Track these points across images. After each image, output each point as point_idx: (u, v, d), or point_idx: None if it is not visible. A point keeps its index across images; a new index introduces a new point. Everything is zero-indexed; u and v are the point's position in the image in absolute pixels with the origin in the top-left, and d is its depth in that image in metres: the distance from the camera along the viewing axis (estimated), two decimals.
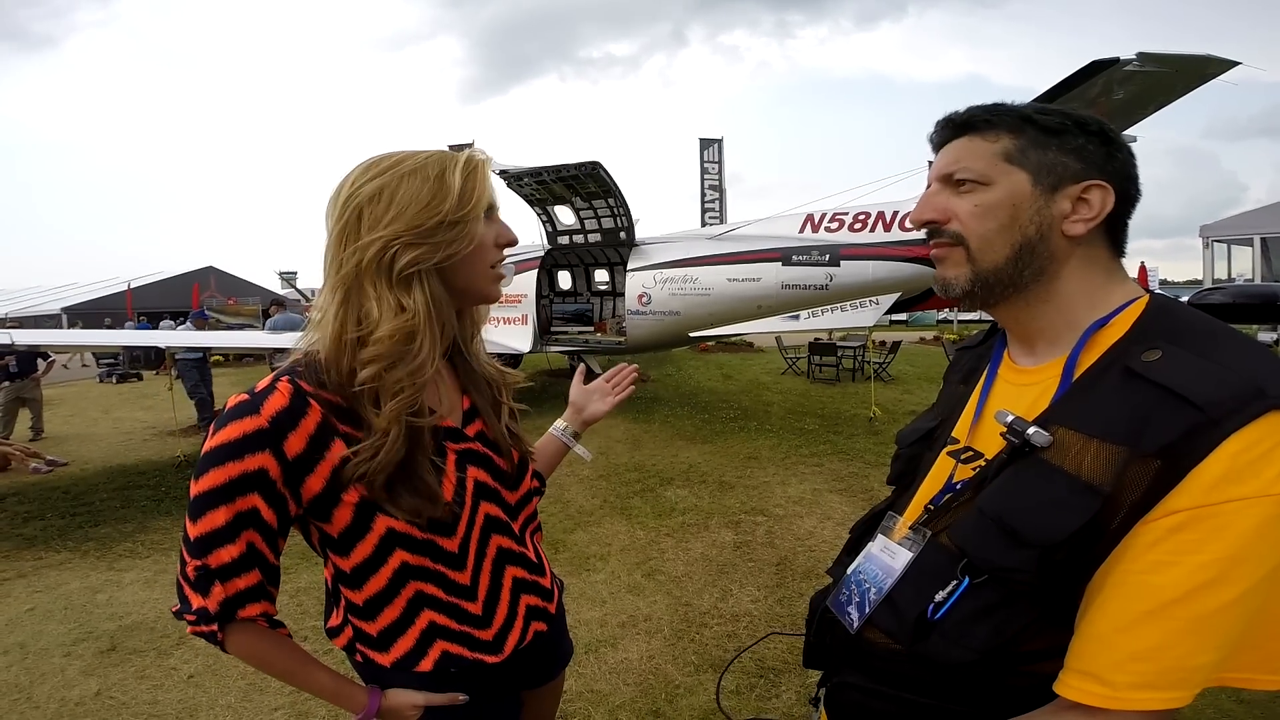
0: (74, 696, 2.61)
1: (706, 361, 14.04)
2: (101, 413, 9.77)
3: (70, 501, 5.21)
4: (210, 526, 0.82)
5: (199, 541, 0.83)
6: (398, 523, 0.90)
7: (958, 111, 0.81)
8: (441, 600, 0.96)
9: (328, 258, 0.91)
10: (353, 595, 0.95)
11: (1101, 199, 0.73)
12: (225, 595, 0.84)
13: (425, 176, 0.89)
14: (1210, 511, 0.57)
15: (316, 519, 0.90)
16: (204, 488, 0.82)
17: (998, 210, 0.76)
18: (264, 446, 0.82)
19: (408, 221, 0.87)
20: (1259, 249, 13.64)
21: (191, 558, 0.84)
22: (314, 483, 0.86)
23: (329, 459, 0.85)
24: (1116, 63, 4.73)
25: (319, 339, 0.90)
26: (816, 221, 7.67)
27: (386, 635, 0.96)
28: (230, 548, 0.82)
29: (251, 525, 0.83)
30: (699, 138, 16.50)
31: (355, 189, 0.89)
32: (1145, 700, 0.59)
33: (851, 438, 6.77)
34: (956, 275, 0.79)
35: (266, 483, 0.83)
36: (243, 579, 0.84)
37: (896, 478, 0.97)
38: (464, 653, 0.98)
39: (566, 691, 2.53)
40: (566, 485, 5.27)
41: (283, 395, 0.84)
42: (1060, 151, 0.75)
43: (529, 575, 1.08)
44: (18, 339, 6.02)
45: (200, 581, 0.84)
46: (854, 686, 0.80)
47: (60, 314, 23.42)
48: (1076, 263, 0.76)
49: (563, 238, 9.66)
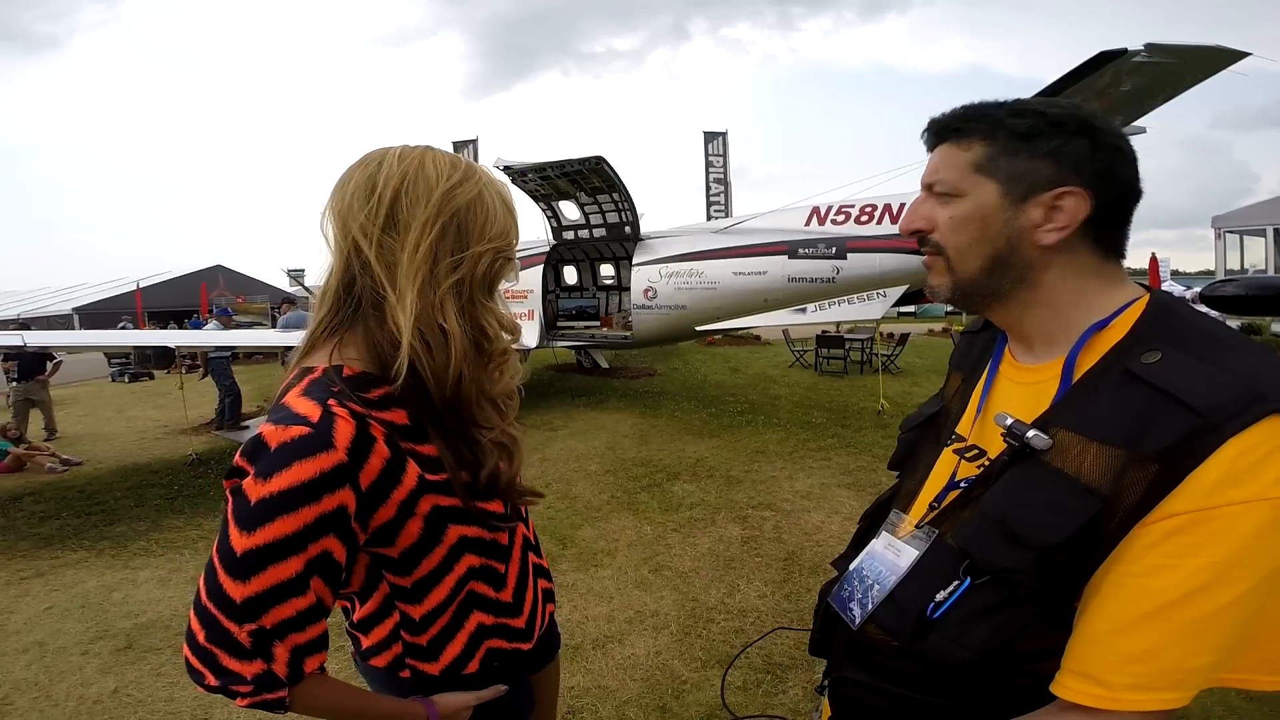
0: (92, 694, 2.66)
1: (713, 355, 14.03)
2: (115, 412, 9.87)
3: (85, 501, 5.28)
4: (271, 582, 0.72)
5: (251, 603, 0.72)
6: (469, 528, 0.89)
7: (938, 117, 0.79)
8: (489, 598, 0.95)
9: (405, 255, 0.82)
10: (412, 610, 0.89)
11: (1074, 206, 0.71)
12: (291, 653, 0.75)
13: (492, 191, 0.90)
14: (1208, 515, 0.57)
15: (376, 547, 0.83)
16: (265, 539, 0.71)
17: (968, 223, 0.76)
18: (344, 483, 0.73)
19: (506, 235, 0.89)
20: (1272, 240, 13.47)
21: (240, 622, 0.72)
22: (385, 512, 0.79)
23: (405, 483, 0.80)
24: (1124, 54, 4.67)
25: (410, 348, 0.81)
26: (823, 214, 7.64)
27: (436, 644, 0.92)
28: (297, 600, 0.74)
29: (321, 572, 0.75)
30: (703, 131, 16.41)
31: (450, 190, 0.84)
32: (1142, 701, 0.59)
33: (860, 431, 6.76)
34: (939, 284, 0.81)
35: (344, 520, 0.74)
36: (306, 632, 0.76)
37: (898, 462, 0.99)
38: (504, 645, 0.98)
39: (574, 687, 2.56)
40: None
41: (349, 421, 0.75)
42: (1031, 157, 0.72)
43: (536, 558, 1.09)
44: (29, 340, 6.10)
45: (258, 646, 0.73)
46: (854, 682, 0.80)
47: (71, 314, 23.62)
48: (1059, 270, 0.74)
49: (568, 233, 9.66)
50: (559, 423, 7.45)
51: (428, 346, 0.82)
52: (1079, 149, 0.71)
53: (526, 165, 8.36)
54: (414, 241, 0.82)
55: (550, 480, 5.33)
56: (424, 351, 0.82)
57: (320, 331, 0.87)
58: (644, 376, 11.02)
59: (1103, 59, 4.75)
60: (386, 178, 0.83)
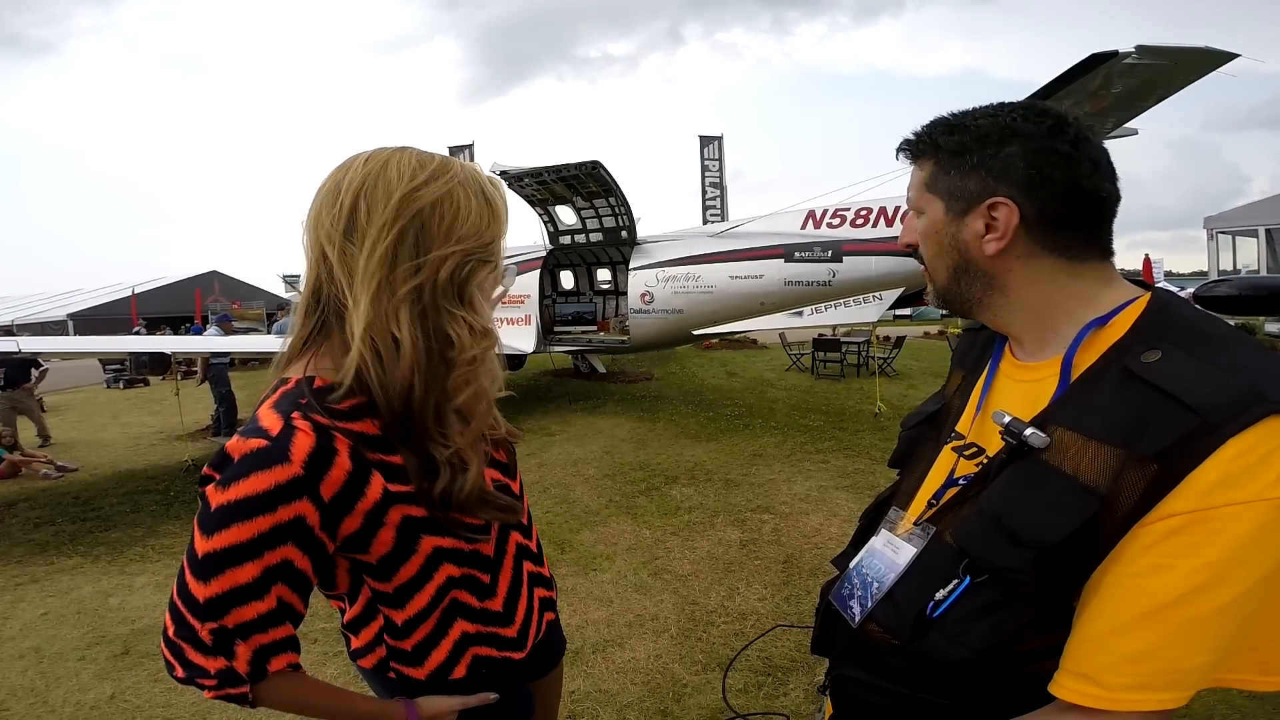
0: (89, 700, 2.65)
1: (710, 359, 14.04)
2: (109, 418, 9.83)
3: (80, 507, 5.25)
4: (229, 585, 0.74)
5: (212, 603, 0.74)
6: (443, 540, 0.87)
7: (905, 137, 0.83)
8: (474, 607, 0.95)
9: (362, 261, 0.80)
10: (394, 614, 0.90)
11: (1006, 216, 0.73)
12: (253, 652, 0.77)
13: (470, 189, 0.86)
14: (1206, 515, 0.57)
15: (352, 552, 0.84)
16: (222, 544, 0.73)
17: (929, 238, 0.82)
18: (301, 495, 0.74)
19: (478, 237, 0.85)
20: (1264, 240, 13.55)
21: (202, 620, 0.75)
22: (352, 522, 0.80)
23: (369, 495, 0.79)
24: (1115, 56, 4.71)
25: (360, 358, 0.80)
26: (818, 217, 7.66)
27: (420, 650, 0.92)
28: (257, 604, 0.75)
29: (282, 579, 0.76)
30: (699, 135, 16.47)
31: (412, 192, 0.81)
32: (1140, 701, 0.59)
33: (857, 434, 6.77)
34: (929, 292, 0.86)
35: (303, 530, 0.76)
36: (269, 634, 0.78)
37: (898, 460, 1.00)
38: (493, 653, 0.97)
39: (575, 691, 2.55)
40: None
41: (308, 435, 0.75)
42: (960, 174, 0.75)
43: (535, 567, 1.08)
44: (24, 345, 6.07)
45: (219, 645, 0.76)
46: (854, 680, 0.80)
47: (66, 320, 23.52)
48: (1022, 275, 0.76)
49: (564, 238, 9.66)
50: (556, 427, 7.45)
51: (378, 356, 0.80)
52: (1008, 158, 0.73)
53: (523, 170, 8.37)
54: (370, 246, 0.80)
55: (548, 485, 5.33)
56: (374, 362, 0.80)
57: (298, 342, 0.87)
58: (641, 381, 11.02)
59: (1094, 61, 4.79)
60: (349, 182, 0.82)
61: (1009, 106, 0.77)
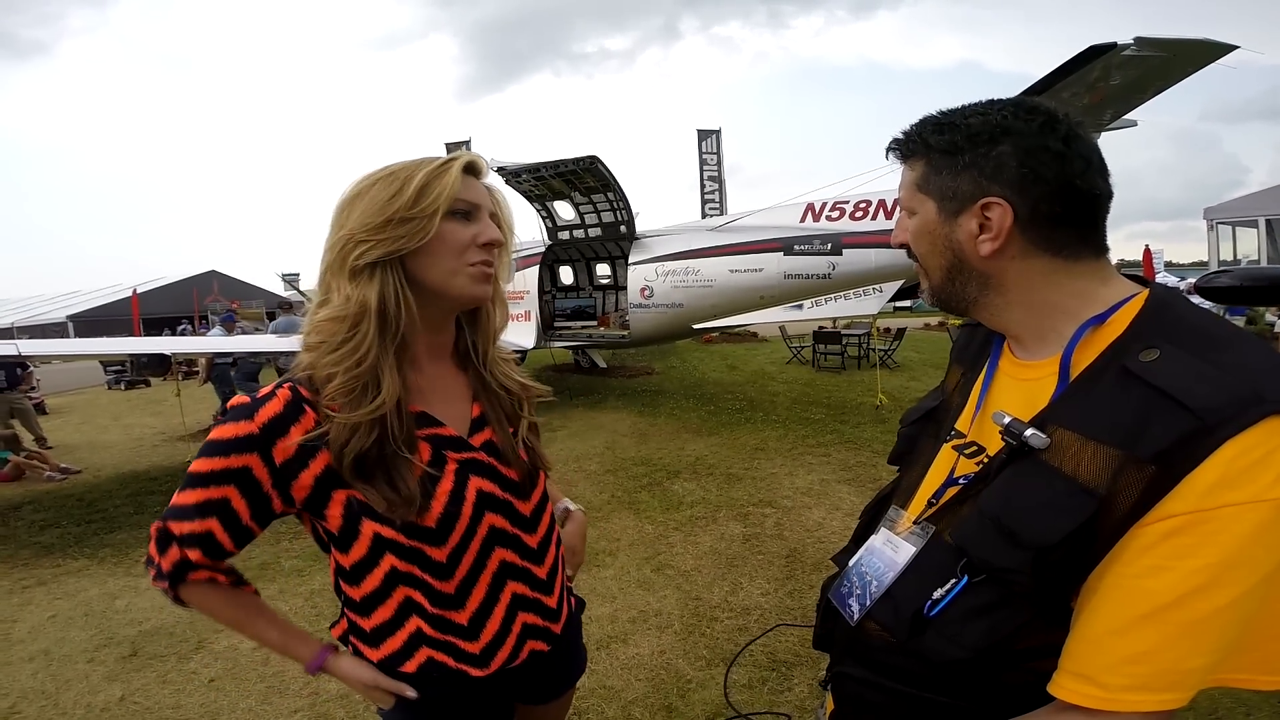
0: (99, 702, 2.66)
1: (711, 353, 14.04)
2: (111, 419, 9.83)
3: (85, 509, 5.26)
4: (184, 501, 0.90)
5: (172, 509, 0.92)
6: (384, 528, 0.93)
7: (895, 137, 0.83)
8: (427, 610, 0.97)
9: None
10: (350, 591, 1.00)
11: (999, 215, 0.72)
12: (175, 561, 0.92)
13: (395, 179, 0.92)
14: (1205, 516, 0.57)
15: (316, 516, 0.96)
16: (192, 470, 0.90)
17: (920, 238, 0.81)
18: (252, 450, 0.88)
19: (362, 220, 0.91)
20: (1264, 230, 13.51)
21: (162, 520, 0.93)
22: (302, 486, 0.91)
23: (312, 467, 0.90)
24: (1114, 48, 4.69)
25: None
26: (817, 211, 7.65)
27: (378, 633, 0.99)
28: (190, 524, 0.90)
29: (215, 513, 0.90)
30: (697, 129, 16.38)
31: (340, 200, 0.96)
32: (1139, 702, 0.59)
33: (858, 426, 6.78)
34: (924, 290, 0.86)
35: (249, 480, 0.89)
36: (193, 552, 0.92)
37: (897, 457, 0.99)
38: (448, 661, 0.99)
39: (579, 688, 2.56)
40: (574, 480, 5.31)
41: (278, 402, 0.90)
42: (953, 174, 0.75)
43: (531, 592, 1.07)
44: (24, 349, 6.07)
45: (160, 541, 0.93)
46: (854, 678, 0.81)
47: (66, 322, 23.51)
48: (1018, 274, 0.75)
49: (563, 233, 9.66)
50: (558, 423, 7.45)
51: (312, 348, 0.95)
52: (1000, 157, 0.72)
53: (521, 166, 8.35)
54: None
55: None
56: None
57: None
58: (642, 375, 11.02)
59: (1093, 53, 4.77)
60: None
61: (999, 104, 0.76)
